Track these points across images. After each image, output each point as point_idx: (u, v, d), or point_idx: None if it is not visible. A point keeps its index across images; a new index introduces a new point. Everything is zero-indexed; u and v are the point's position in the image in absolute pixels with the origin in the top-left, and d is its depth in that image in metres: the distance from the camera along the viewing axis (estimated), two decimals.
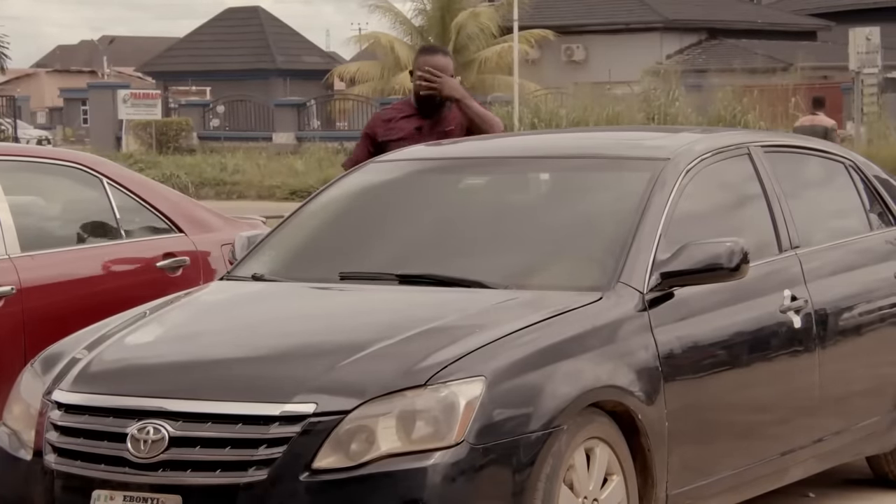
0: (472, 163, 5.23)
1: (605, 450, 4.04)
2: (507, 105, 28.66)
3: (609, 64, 39.83)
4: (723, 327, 4.51)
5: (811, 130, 16.83)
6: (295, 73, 45.97)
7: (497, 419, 3.77)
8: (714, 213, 4.87)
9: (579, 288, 4.29)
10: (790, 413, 4.81)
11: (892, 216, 5.63)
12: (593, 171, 4.88)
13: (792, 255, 4.94)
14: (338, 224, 5.06)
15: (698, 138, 5.12)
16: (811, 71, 34.09)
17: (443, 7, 35.80)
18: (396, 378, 3.77)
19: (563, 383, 3.93)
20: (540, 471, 3.81)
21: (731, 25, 44.50)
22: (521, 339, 3.96)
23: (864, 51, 28.81)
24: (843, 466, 5.36)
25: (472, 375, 3.78)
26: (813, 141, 5.87)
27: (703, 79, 30.81)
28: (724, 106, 26.47)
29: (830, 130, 16.99)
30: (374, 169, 5.32)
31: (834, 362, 4.94)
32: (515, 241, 4.65)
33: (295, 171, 28.02)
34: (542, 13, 39.79)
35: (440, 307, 4.22)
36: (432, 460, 3.67)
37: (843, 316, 5.03)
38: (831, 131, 17.00)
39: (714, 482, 4.44)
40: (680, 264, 4.35)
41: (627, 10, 43.59)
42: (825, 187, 5.54)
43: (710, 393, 4.43)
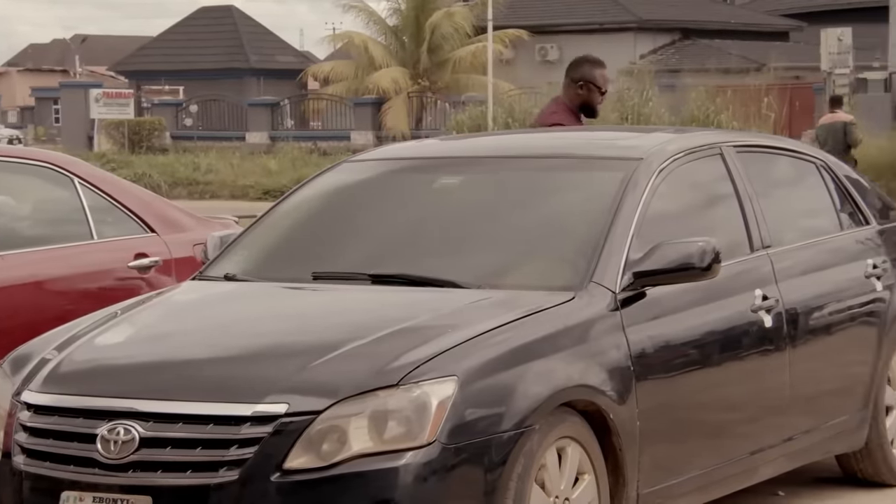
0: (445, 162, 5.23)
1: (576, 449, 4.05)
2: (482, 105, 28.68)
3: None
4: (694, 327, 4.53)
5: (831, 128, 17.16)
6: (269, 72, 45.86)
7: (469, 419, 3.77)
8: (686, 212, 4.88)
9: (552, 288, 4.29)
10: (760, 412, 4.83)
11: (863, 216, 5.67)
12: (566, 170, 4.88)
13: (763, 254, 4.97)
14: (311, 224, 5.05)
15: (671, 138, 5.14)
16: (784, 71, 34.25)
17: (417, 7, 35.79)
18: (369, 378, 3.77)
19: (535, 383, 3.93)
20: (511, 470, 3.81)
21: (705, 26, 44.66)
22: (493, 338, 3.97)
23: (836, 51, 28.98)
24: (813, 465, 5.38)
25: (444, 375, 3.78)
26: (783, 141, 5.90)
27: (676, 79, 30.91)
28: (697, 106, 26.53)
29: (849, 125, 17.29)
30: (348, 168, 5.31)
31: (804, 361, 4.96)
32: (488, 240, 4.66)
33: (268, 171, 27.96)
34: (517, 13, 39.84)
35: (413, 307, 4.22)
36: (404, 460, 3.67)
37: (813, 315, 5.05)
38: (850, 126, 17.28)
39: (685, 481, 4.45)
40: (652, 264, 4.36)
41: (601, 10, 43.69)
42: (796, 187, 5.56)
43: (681, 392, 4.44)
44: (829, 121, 17.63)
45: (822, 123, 17.82)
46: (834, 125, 17.33)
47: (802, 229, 5.36)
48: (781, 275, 4.96)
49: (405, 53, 36.28)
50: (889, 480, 5.48)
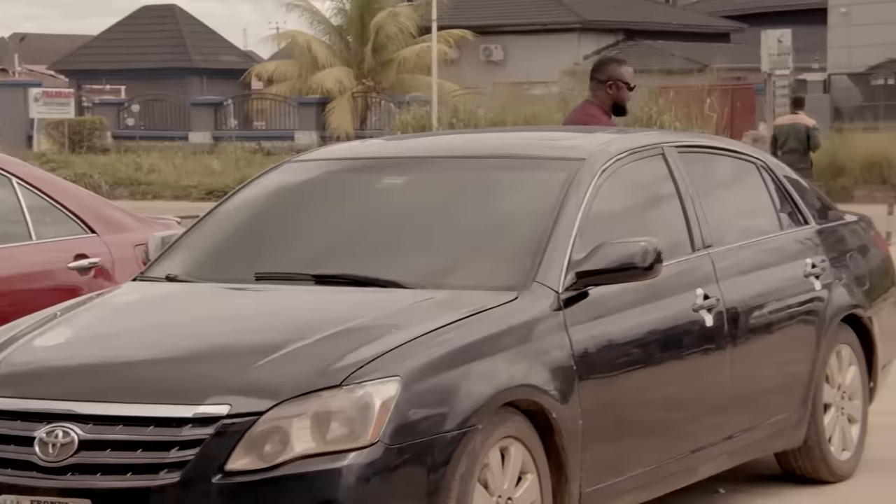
0: (389, 163, 5.23)
1: (519, 449, 4.06)
2: (426, 105, 28.68)
3: (527, 64, 40.03)
4: (636, 326, 4.55)
5: (792, 129, 17.27)
6: (212, 72, 45.55)
7: (412, 419, 3.77)
8: (628, 212, 4.91)
9: (495, 287, 4.30)
10: (702, 410, 4.87)
11: (802, 216, 5.73)
12: (509, 171, 4.89)
13: (704, 254, 5.00)
14: (254, 224, 5.02)
15: (613, 139, 5.17)
16: (725, 72, 34.56)
17: (362, 6, 35.70)
18: (311, 379, 3.75)
19: (478, 383, 3.94)
20: (455, 470, 3.81)
21: (648, 27, 44.96)
22: (436, 338, 3.97)
23: (776, 53, 29.28)
24: (753, 462, 5.43)
25: (387, 375, 3.78)
26: (725, 141, 5.95)
27: None
28: (640, 106, 26.68)
29: (812, 129, 17.47)
30: (291, 169, 5.29)
31: (744, 360, 5.01)
32: (432, 240, 4.66)
33: (211, 171, 27.80)
34: (461, 13, 39.87)
35: (356, 307, 4.21)
36: (347, 461, 3.66)
37: (753, 314, 5.10)
38: (813, 130, 17.47)
39: (627, 479, 4.48)
40: (595, 264, 4.38)
41: (545, 10, 43.84)
42: (737, 187, 5.61)
43: (623, 391, 4.46)
44: (791, 121, 17.77)
45: (783, 124, 17.94)
46: (796, 126, 17.47)
47: (743, 229, 5.41)
48: (722, 274, 5.00)
49: (349, 53, 36.17)
50: (827, 477, 5.54)
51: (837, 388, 5.60)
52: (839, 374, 5.61)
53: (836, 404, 5.59)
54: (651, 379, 4.58)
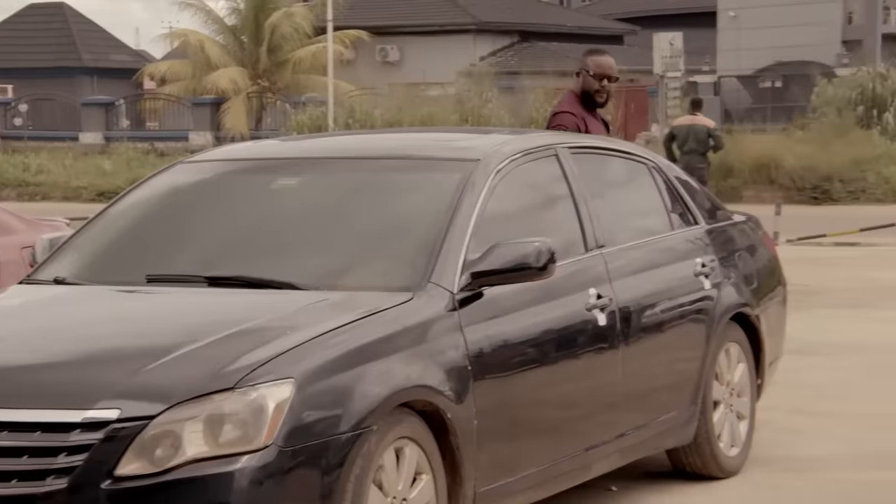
0: (284, 163, 5.20)
1: (414, 449, 4.06)
2: (322, 106, 28.56)
3: (423, 65, 40.11)
4: (531, 326, 4.58)
5: (691, 130, 17.51)
6: (102, 71, 44.87)
7: (307, 421, 3.75)
8: (523, 213, 4.94)
9: (390, 288, 4.30)
10: (595, 409, 4.92)
11: (692, 216, 5.82)
12: (405, 171, 4.90)
13: (597, 254, 5.06)
14: (145, 225, 4.96)
15: (507, 139, 5.20)
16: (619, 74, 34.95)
17: (256, 6, 35.42)
18: (204, 381, 3.71)
19: (373, 384, 3.93)
20: (349, 472, 3.81)
21: (542, 28, 45.34)
22: (331, 340, 3.95)
23: (668, 55, 29.72)
24: (644, 460, 5.50)
25: (281, 378, 3.75)
26: (617, 143, 6.02)
27: (515, 80, 31.30)
28: (536, 107, 26.91)
29: (714, 131, 17.74)
30: (183, 169, 5.23)
31: (636, 359, 5.07)
32: (327, 242, 4.64)
33: (103, 172, 27.36)
34: (357, 14, 39.80)
35: (250, 309, 4.17)
36: (240, 464, 3.63)
37: (645, 313, 5.16)
38: (715, 132, 17.74)
39: (521, 478, 4.51)
40: (489, 264, 4.40)
41: (441, 11, 43.96)
42: (629, 188, 5.68)
43: (518, 391, 4.49)
44: (690, 122, 18.02)
45: (682, 124, 18.18)
46: (695, 127, 17.73)
47: (635, 229, 5.48)
48: (615, 274, 5.06)
49: (244, 53, 35.87)
50: (716, 473, 5.63)
51: (726, 385, 5.70)
52: (728, 371, 5.71)
53: (725, 401, 5.69)
54: (545, 378, 4.62)
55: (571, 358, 4.75)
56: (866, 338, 8.88)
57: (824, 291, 11.13)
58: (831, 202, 21.17)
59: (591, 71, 6.67)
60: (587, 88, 6.66)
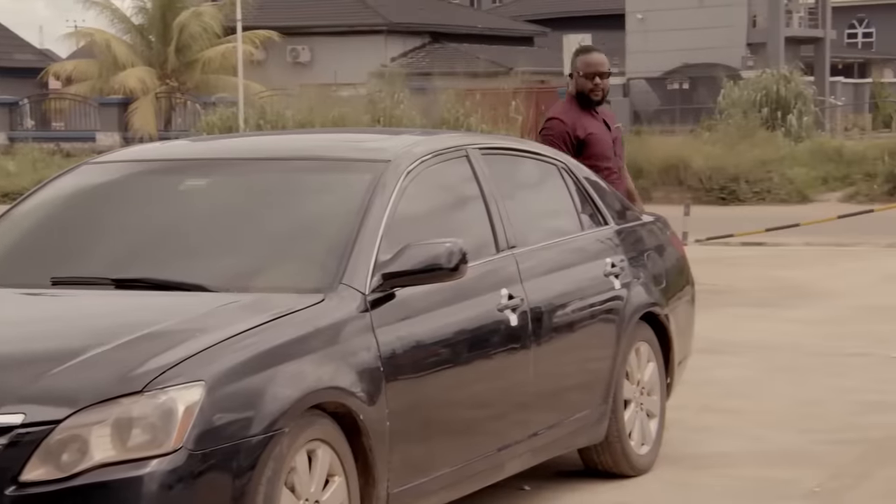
0: (193, 164, 5.14)
1: (326, 451, 4.05)
2: (232, 106, 28.32)
3: (335, 66, 39.99)
4: (443, 326, 4.59)
5: None
6: (5, 70, 44.01)
7: (217, 424, 3.71)
8: (434, 214, 4.95)
9: (301, 290, 4.27)
10: (507, 409, 4.94)
11: (602, 216, 5.87)
12: (315, 172, 4.87)
13: (509, 254, 5.08)
14: (50, 227, 4.87)
15: (418, 140, 5.20)
16: (530, 75, 35.19)
17: (163, 6, 35.03)
18: (111, 385, 3.66)
19: (284, 386, 3.91)
20: (261, 475, 3.78)
21: (453, 30, 45.45)
22: (242, 342, 3.92)
23: None
24: (557, 459, 5.53)
25: (191, 380, 3.71)
26: (527, 143, 6.05)
27: (427, 81, 31.33)
28: (447, 109, 26.96)
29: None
30: (89, 170, 5.15)
31: (548, 358, 5.10)
32: (237, 243, 4.60)
33: (7, 173, 26.81)
34: (267, 14, 39.55)
35: (158, 311, 4.12)
36: (149, 468, 3.59)
37: (556, 313, 5.20)
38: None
39: (435, 479, 4.51)
40: (401, 265, 4.40)
41: (351, 12, 43.86)
42: (539, 189, 5.71)
43: (430, 391, 4.49)
44: None
45: None
46: None
47: (546, 230, 5.51)
48: (526, 274, 5.08)
49: (152, 53, 35.46)
50: (627, 472, 5.69)
51: (637, 384, 5.76)
52: (638, 370, 5.77)
53: (635, 400, 5.75)
54: (458, 379, 4.62)
55: (483, 358, 4.76)
56: (772, 337, 9.03)
57: (732, 291, 11.29)
58: (738, 203, 21.49)
59: (581, 71, 6.69)
60: (581, 89, 6.69)
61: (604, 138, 6.73)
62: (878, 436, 6.35)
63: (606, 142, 6.75)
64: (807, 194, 21.52)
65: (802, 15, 42.28)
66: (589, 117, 6.70)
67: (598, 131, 6.70)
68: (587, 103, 6.71)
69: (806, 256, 13.59)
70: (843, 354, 8.32)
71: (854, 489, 5.49)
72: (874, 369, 7.91)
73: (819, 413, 6.77)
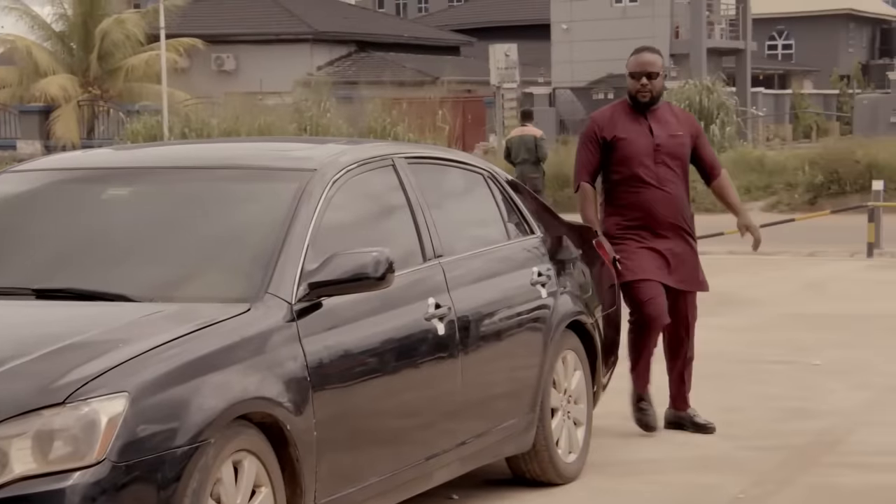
0: (116, 173, 5.09)
1: (253, 462, 4.02)
2: (157, 114, 28.07)
3: (260, 74, 39.80)
4: (370, 336, 4.57)
5: (522, 141, 17.92)
6: None
7: (141, 435, 3.67)
8: (361, 223, 4.93)
9: (227, 299, 4.24)
10: (435, 418, 4.93)
11: (528, 226, 5.89)
12: (241, 181, 4.84)
13: (436, 263, 5.08)
14: None
15: (344, 149, 5.18)
16: (456, 85, 35.30)
17: (85, 13, 34.61)
18: (32, 396, 3.60)
19: (210, 396, 3.87)
20: (186, 486, 3.74)
21: (380, 39, 45.45)
22: (166, 352, 3.88)
23: (504, 66, 30.12)
24: (485, 467, 5.54)
25: (114, 391, 3.67)
26: (453, 153, 6.06)
27: (353, 90, 31.30)
28: (374, 118, 26.95)
29: (539, 140, 18.04)
30: (9, 179, 5.07)
31: (475, 367, 5.10)
32: (161, 252, 4.55)
33: None
34: (191, 22, 39.26)
35: (80, 322, 4.06)
36: (71, 481, 3.53)
37: (483, 322, 5.21)
38: (540, 140, 18.05)
39: (362, 488, 4.49)
40: (327, 274, 4.38)
41: (276, 21, 43.69)
42: (466, 198, 5.72)
43: (358, 401, 4.48)
44: (520, 133, 18.38)
45: (514, 136, 18.55)
46: (524, 138, 18.13)
47: (472, 239, 5.52)
48: (453, 283, 5.08)
49: (73, 60, 35.02)
50: (555, 479, 5.71)
51: (564, 392, 5.79)
52: (565, 378, 5.79)
53: (562, 408, 5.77)
54: (385, 388, 4.61)
55: (411, 367, 4.76)
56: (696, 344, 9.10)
57: None
58: None
59: (629, 70, 6.43)
60: (630, 90, 6.43)
61: (638, 143, 6.36)
62: (800, 442, 6.44)
63: (641, 147, 6.36)
64: None
65: (724, 27, 42.88)
66: (630, 120, 6.39)
67: (631, 135, 6.37)
68: (636, 105, 6.41)
69: (729, 265, 13.75)
70: (766, 362, 8.43)
71: (776, 495, 5.57)
72: (796, 377, 8.03)
73: (742, 420, 6.86)
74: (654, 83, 6.37)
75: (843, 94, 47.03)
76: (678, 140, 6.44)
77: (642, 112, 6.42)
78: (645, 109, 6.42)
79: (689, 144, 6.49)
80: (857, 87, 45.81)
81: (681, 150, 6.46)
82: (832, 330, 9.73)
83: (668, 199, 6.40)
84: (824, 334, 9.53)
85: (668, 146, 6.41)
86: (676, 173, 6.44)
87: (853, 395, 7.45)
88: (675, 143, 6.43)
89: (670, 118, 6.48)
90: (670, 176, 6.41)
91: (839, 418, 6.91)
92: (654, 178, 6.38)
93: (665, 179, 6.40)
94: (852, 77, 49.60)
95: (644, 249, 6.42)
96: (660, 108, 6.45)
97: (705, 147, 6.61)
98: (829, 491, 5.59)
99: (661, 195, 6.39)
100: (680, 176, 6.45)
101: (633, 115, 6.43)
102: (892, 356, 8.63)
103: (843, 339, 9.37)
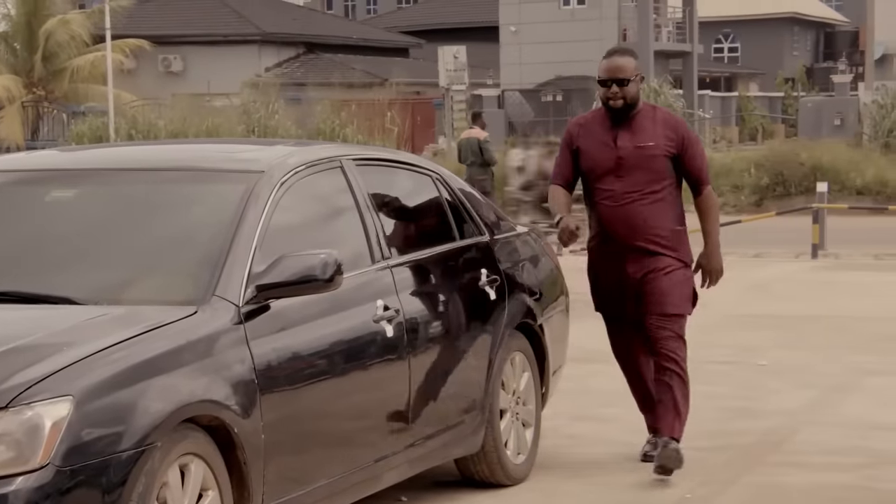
0: (60, 174, 5.04)
1: (200, 465, 3.99)
2: (103, 116, 27.84)
3: (208, 75, 39.58)
4: (318, 338, 4.56)
5: (468, 143, 18.07)
6: None
7: (86, 439, 3.64)
8: (309, 225, 4.92)
9: (173, 302, 4.21)
10: (384, 420, 4.93)
11: (477, 227, 5.90)
12: (188, 183, 4.81)
13: (384, 265, 5.07)
14: None
15: (292, 151, 5.16)
16: (405, 86, 35.29)
17: (29, 12, 34.25)
18: None
19: (156, 400, 3.84)
20: (132, 490, 3.71)
21: (328, 40, 45.34)
22: (111, 355, 3.84)
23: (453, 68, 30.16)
24: (434, 469, 5.53)
25: (58, 395, 3.63)
26: (402, 154, 6.05)
27: (301, 92, 31.24)
28: (322, 119, 26.90)
29: (483, 142, 18.13)
30: None
31: (424, 369, 5.10)
32: (107, 255, 4.52)
33: None
34: (137, 23, 38.96)
35: (23, 325, 4.02)
36: (14, 486, 3.50)
37: (432, 324, 5.20)
38: (485, 143, 18.14)
39: (311, 491, 4.48)
40: (275, 277, 4.36)
41: (224, 22, 43.48)
42: (414, 200, 5.72)
43: (306, 403, 4.46)
44: (468, 136, 18.47)
45: (462, 139, 18.64)
46: (471, 140, 18.24)
47: (421, 240, 5.52)
48: (401, 285, 5.08)
49: (17, 61, 34.65)
50: (504, 481, 5.72)
51: (512, 394, 5.80)
52: (513, 380, 5.80)
53: (511, 410, 5.78)
54: (334, 390, 4.60)
55: (360, 370, 4.75)
56: None
57: None
58: None
59: (598, 77, 5.83)
60: (601, 97, 5.82)
61: (598, 156, 5.78)
62: (745, 442, 6.50)
63: (600, 160, 5.77)
64: None
65: (671, 29, 43.21)
66: (600, 129, 5.81)
67: (592, 148, 5.79)
68: (609, 112, 5.79)
69: None
70: (711, 362, 8.49)
71: (722, 495, 5.61)
72: (741, 377, 8.09)
73: (689, 420, 6.89)
74: (625, 90, 5.72)
75: (787, 96, 47.55)
76: (646, 151, 5.74)
77: (618, 120, 5.79)
78: (621, 116, 5.78)
79: (667, 154, 5.75)
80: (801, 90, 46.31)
81: (651, 161, 5.74)
82: (777, 330, 9.83)
83: (629, 216, 5.74)
84: (770, 335, 9.62)
85: (633, 158, 5.73)
86: (649, 188, 5.74)
87: (798, 395, 7.53)
88: (640, 155, 5.74)
89: (648, 126, 5.78)
90: (636, 191, 5.73)
91: (784, 418, 6.97)
92: (610, 195, 5.78)
93: (627, 195, 5.74)
94: (797, 80, 50.14)
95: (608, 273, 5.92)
96: (638, 115, 5.79)
97: (692, 158, 5.81)
98: (774, 490, 5.64)
99: (622, 213, 5.75)
100: (657, 190, 5.75)
101: (606, 123, 5.82)
102: (837, 356, 8.73)
103: (789, 339, 9.46)
